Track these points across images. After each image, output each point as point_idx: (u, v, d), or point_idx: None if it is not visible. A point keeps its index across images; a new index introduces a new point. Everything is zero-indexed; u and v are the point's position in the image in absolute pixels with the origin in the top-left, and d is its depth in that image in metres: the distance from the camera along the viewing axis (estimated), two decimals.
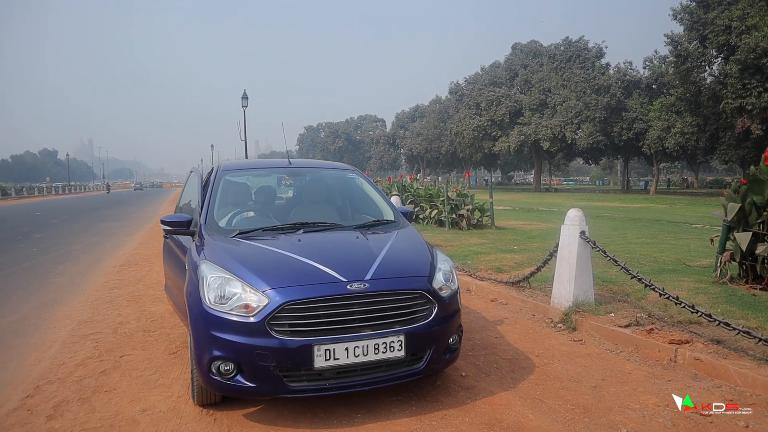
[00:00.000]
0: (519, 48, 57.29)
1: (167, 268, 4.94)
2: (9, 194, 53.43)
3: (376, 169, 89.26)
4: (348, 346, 3.05)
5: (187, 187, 5.29)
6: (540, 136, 48.38)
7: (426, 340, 3.29)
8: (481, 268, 7.86)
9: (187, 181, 5.39)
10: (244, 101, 31.62)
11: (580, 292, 5.14)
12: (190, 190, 5.15)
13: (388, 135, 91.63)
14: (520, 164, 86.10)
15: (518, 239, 11.09)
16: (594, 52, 48.41)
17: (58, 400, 3.70)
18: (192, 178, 5.19)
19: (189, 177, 5.38)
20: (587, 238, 5.10)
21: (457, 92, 63.40)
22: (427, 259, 3.65)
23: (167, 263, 4.93)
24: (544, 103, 49.93)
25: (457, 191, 14.55)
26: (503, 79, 56.48)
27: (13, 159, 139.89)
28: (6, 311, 6.29)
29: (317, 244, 3.71)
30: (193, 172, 5.16)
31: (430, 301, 3.33)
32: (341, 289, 3.12)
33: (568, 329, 4.99)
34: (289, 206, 4.76)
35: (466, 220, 13.48)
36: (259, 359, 2.99)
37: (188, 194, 5.19)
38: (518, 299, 6.06)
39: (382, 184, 23.18)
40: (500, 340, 4.83)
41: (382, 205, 4.71)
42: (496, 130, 53.76)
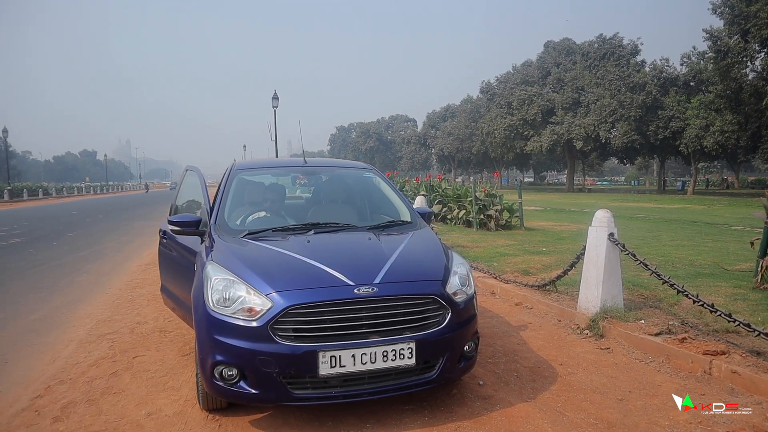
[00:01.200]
0: (551, 46, 56.31)
1: (166, 270, 4.79)
2: (50, 194, 55.09)
3: (407, 169, 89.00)
4: (355, 353, 2.90)
5: (184, 187, 5.15)
6: (573, 135, 47.41)
7: (438, 348, 3.12)
8: (507, 270, 7.63)
9: (183, 180, 5.21)
10: (274, 101, 31.90)
11: (608, 297, 4.88)
12: (187, 189, 5.04)
13: (419, 135, 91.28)
14: (553, 164, 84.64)
15: (547, 240, 10.79)
16: (629, 50, 47.17)
17: (66, 401, 3.67)
18: (189, 178, 5.06)
19: (184, 176, 5.21)
20: (616, 240, 4.84)
21: (489, 91, 62.65)
22: (441, 262, 3.47)
23: (166, 265, 4.78)
24: (577, 102, 48.92)
25: (485, 191, 14.29)
26: (535, 77, 55.59)
27: (55, 160, 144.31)
28: (30, 309, 6.36)
29: (326, 246, 3.58)
30: (190, 171, 5.04)
31: (443, 306, 3.16)
32: (348, 293, 2.97)
33: (594, 336, 4.74)
34: (302, 206, 4.64)
35: (495, 221, 13.20)
36: (262, 365, 2.87)
37: (186, 194, 5.07)
38: (543, 303, 5.82)
39: (411, 183, 23.04)
40: (522, 347, 4.62)
41: (399, 205, 4.55)
42: (528, 129, 52.94)
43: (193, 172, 4.92)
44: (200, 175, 4.62)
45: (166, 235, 4.64)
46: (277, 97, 31.82)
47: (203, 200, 4.22)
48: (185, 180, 5.17)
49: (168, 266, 4.76)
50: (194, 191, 4.79)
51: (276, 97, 31.78)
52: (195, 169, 4.91)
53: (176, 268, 4.46)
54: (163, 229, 4.77)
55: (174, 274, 4.54)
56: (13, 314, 6.11)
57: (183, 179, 5.20)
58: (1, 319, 5.92)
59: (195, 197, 4.77)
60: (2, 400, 3.75)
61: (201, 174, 4.63)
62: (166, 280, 4.80)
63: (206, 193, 4.28)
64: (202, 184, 4.41)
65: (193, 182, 4.83)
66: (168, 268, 4.76)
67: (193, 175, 4.89)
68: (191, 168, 5.06)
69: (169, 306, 4.82)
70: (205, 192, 4.29)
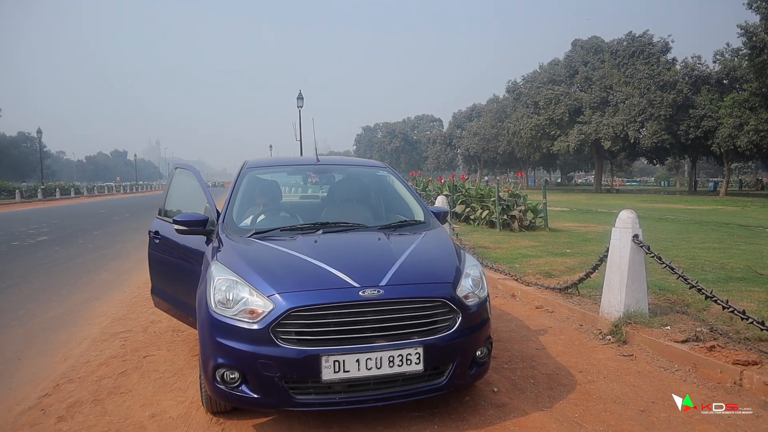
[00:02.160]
0: (579, 44, 55.34)
1: (161, 271, 4.59)
2: (81, 193, 56.34)
3: (432, 169, 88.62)
4: (359, 358, 2.78)
5: (174, 188, 4.88)
6: (601, 135, 46.50)
7: (448, 353, 2.98)
8: (529, 272, 7.44)
9: (172, 180, 4.91)
10: (299, 102, 32.05)
11: (632, 301, 4.67)
12: (179, 190, 4.82)
13: (445, 135, 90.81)
14: (581, 164, 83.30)
15: (572, 242, 10.53)
16: (659, 47, 46.08)
17: (73, 400, 3.64)
18: (181, 177, 4.81)
19: (174, 175, 4.91)
20: (640, 242, 4.63)
21: (515, 91, 61.95)
22: (452, 263, 3.33)
23: (162, 266, 4.58)
24: (605, 101, 47.97)
25: (509, 191, 14.06)
26: (562, 76, 54.71)
27: (87, 159, 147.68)
28: (50, 306, 6.41)
29: (334, 246, 3.47)
30: (180, 170, 4.83)
31: (453, 310, 3.02)
32: (353, 295, 2.86)
33: (617, 342, 4.54)
34: (312, 205, 4.55)
35: (518, 222, 12.96)
36: (263, 369, 2.77)
37: (177, 194, 4.83)
38: (565, 307, 5.63)
39: (434, 183, 22.83)
40: (541, 352, 4.44)
41: (412, 204, 4.42)
42: (555, 129, 52.15)
43: (187, 170, 4.74)
44: (197, 173, 4.50)
45: (159, 236, 4.48)
46: (301, 98, 31.98)
47: (207, 200, 4.16)
48: (176, 180, 4.89)
49: (164, 267, 4.55)
50: (188, 191, 4.66)
51: (301, 98, 31.94)
52: (189, 167, 4.75)
53: (175, 268, 4.34)
54: (154, 229, 4.58)
55: (172, 274, 4.41)
56: (32, 312, 6.15)
57: (172, 179, 4.92)
58: (21, 316, 5.97)
59: (189, 197, 4.61)
60: (11, 398, 3.74)
61: (198, 173, 4.52)
62: (161, 282, 4.61)
63: (208, 192, 4.21)
64: (202, 183, 4.33)
65: (187, 182, 4.67)
66: (164, 269, 4.56)
67: (186, 175, 4.72)
68: (183, 166, 4.86)
69: (163, 308, 4.68)
70: (207, 191, 4.23)
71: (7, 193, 42.98)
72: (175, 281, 4.34)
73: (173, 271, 4.38)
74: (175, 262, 4.33)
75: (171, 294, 4.41)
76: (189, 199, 4.61)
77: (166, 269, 4.50)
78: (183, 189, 4.81)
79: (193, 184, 4.48)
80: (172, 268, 4.40)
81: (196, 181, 4.45)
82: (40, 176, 54.95)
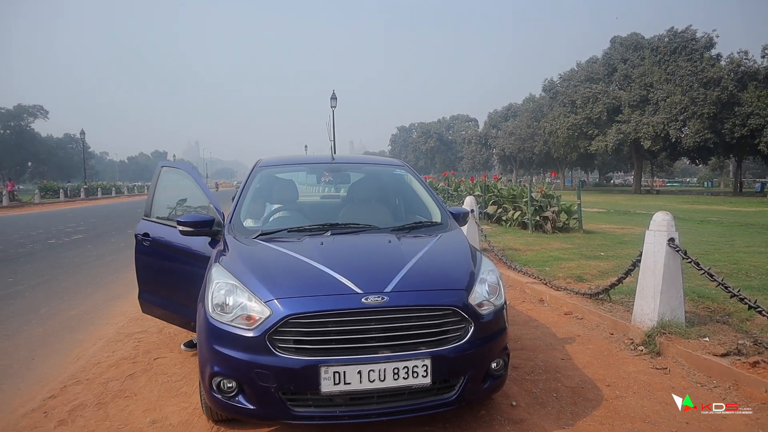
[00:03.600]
0: (618, 41, 53.84)
1: (153, 274, 4.33)
2: (122, 192, 57.94)
3: (468, 169, 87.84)
4: (361, 369, 2.59)
5: (162, 188, 4.54)
6: (640, 134, 45.11)
7: (459, 366, 2.76)
8: (560, 276, 7.12)
9: (159, 179, 4.52)
10: (332, 102, 32.08)
11: (666, 309, 4.35)
12: (168, 191, 4.57)
13: (480, 135, 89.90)
14: (620, 165, 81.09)
15: (607, 244, 10.10)
16: (702, 43, 44.39)
17: (77, 403, 3.57)
18: (170, 176, 4.55)
19: (160, 175, 4.54)
20: (676, 246, 4.31)
21: (551, 90, 60.74)
22: (466, 268, 3.11)
23: (154, 269, 4.30)
24: (645, 99, 46.52)
25: (542, 192, 13.65)
26: (600, 74, 53.30)
27: (129, 160, 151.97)
28: (73, 304, 6.45)
29: (340, 249, 3.29)
30: (168, 168, 4.57)
31: (465, 318, 2.79)
32: (354, 302, 2.67)
33: (650, 354, 4.23)
34: (324, 204, 4.38)
35: (551, 223, 12.56)
36: (259, 379, 2.61)
37: (166, 195, 4.56)
38: (595, 314, 5.31)
39: (466, 183, 22.45)
40: (567, 363, 4.17)
41: (430, 204, 4.21)
42: (593, 128, 50.87)
43: (177, 170, 4.52)
44: (194, 173, 4.34)
45: (150, 238, 4.23)
46: (335, 98, 32.00)
47: (209, 200, 4.04)
48: (163, 180, 4.53)
49: (158, 270, 4.29)
50: (179, 192, 4.51)
51: (334, 98, 31.96)
52: (180, 166, 4.55)
53: (172, 271, 4.16)
54: (142, 231, 4.28)
55: (169, 278, 4.22)
56: (55, 310, 6.19)
57: (158, 179, 4.52)
58: (44, 314, 6.00)
59: (181, 197, 4.47)
60: (17, 399, 3.70)
61: (195, 172, 4.37)
62: (153, 286, 4.34)
63: (210, 192, 4.10)
64: (201, 183, 4.20)
65: (177, 182, 4.50)
66: (158, 272, 4.30)
67: (176, 174, 4.51)
68: (171, 165, 4.61)
69: (156, 313, 4.45)
70: (209, 191, 4.11)
71: (52, 192, 44.48)
72: (172, 285, 4.18)
73: (170, 274, 4.20)
74: (172, 266, 4.15)
75: (167, 298, 4.23)
76: (182, 199, 4.47)
77: (161, 272, 4.28)
78: (172, 189, 4.61)
79: (186, 184, 4.34)
80: (168, 271, 4.21)
81: (190, 180, 4.28)
82: (83, 176, 56.72)
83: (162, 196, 4.52)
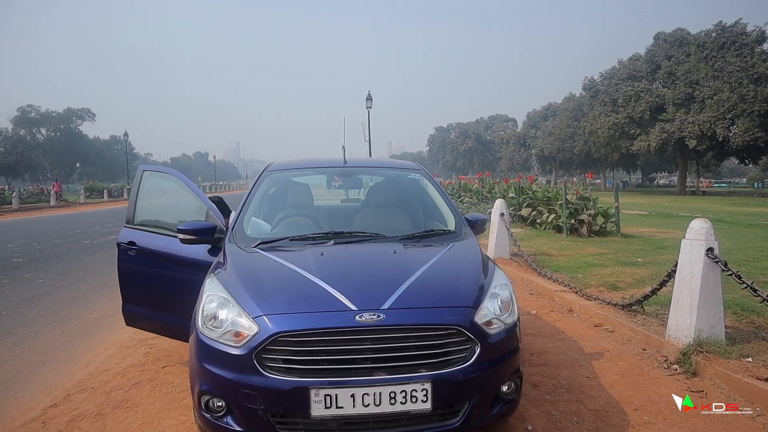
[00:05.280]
0: (662, 37, 52.02)
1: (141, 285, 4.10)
2: None
3: (506, 170, 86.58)
4: (354, 393, 2.38)
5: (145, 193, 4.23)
6: (685, 133, 43.41)
7: (463, 390, 2.52)
8: (592, 283, 6.76)
9: (140, 186, 4.21)
10: (368, 102, 32.02)
11: (704, 325, 3.99)
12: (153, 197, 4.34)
13: (519, 135, 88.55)
14: (664, 165, 78.43)
15: (645, 250, 9.61)
16: (753, 37, 42.35)
17: (77, 413, 3.49)
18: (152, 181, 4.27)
19: (142, 180, 4.22)
20: (715, 257, 3.95)
21: (592, 88, 59.15)
22: (475, 282, 2.86)
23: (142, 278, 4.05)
24: (690, 97, 44.75)
25: (577, 194, 13.17)
26: (643, 72, 51.59)
27: (172, 161, 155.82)
28: (94, 307, 6.47)
29: (340, 260, 3.09)
30: (149, 173, 4.29)
31: (471, 339, 2.55)
32: (347, 320, 2.46)
33: (685, 374, 3.88)
34: (332, 211, 4.19)
35: (587, 226, 12.08)
36: (246, 400, 2.43)
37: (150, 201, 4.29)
38: (627, 327, 4.96)
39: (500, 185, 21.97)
40: (592, 382, 3.86)
41: (444, 211, 3.96)
42: (635, 127, 49.25)
43: (162, 174, 4.29)
44: (184, 177, 4.14)
45: (137, 247, 4.00)
46: (370, 98, 31.92)
47: (207, 206, 3.89)
48: (145, 184, 4.22)
49: (148, 281, 4.05)
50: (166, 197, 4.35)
51: (369, 98, 31.88)
52: (165, 170, 4.32)
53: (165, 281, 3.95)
54: (127, 240, 4.04)
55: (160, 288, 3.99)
56: (76, 312, 6.21)
57: (140, 183, 4.20)
58: (65, 317, 6.03)
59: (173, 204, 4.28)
60: (20, 406, 3.66)
61: (183, 175, 4.16)
62: (142, 297, 4.08)
63: (206, 197, 3.96)
64: (195, 188, 4.03)
65: (162, 187, 4.31)
66: (147, 282, 4.06)
67: (160, 178, 4.29)
68: (154, 169, 4.34)
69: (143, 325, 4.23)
70: (204, 197, 3.97)
71: (97, 192, 45.90)
72: (165, 295, 3.97)
73: (163, 284, 3.99)
74: (165, 275, 3.95)
75: (159, 310, 4.02)
76: (172, 206, 4.29)
77: (151, 283, 4.06)
78: (157, 195, 4.40)
79: (171, 188, 4.15)
80: (161, 282, 3.99)
81: (178, 185, 4.08)
82: (127, 177, 58.41)
83: (145, 203, 4.25)
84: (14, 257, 10.58)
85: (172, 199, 4.33)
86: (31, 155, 71.98)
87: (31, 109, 73.87)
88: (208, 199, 3.99)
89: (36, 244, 12.62)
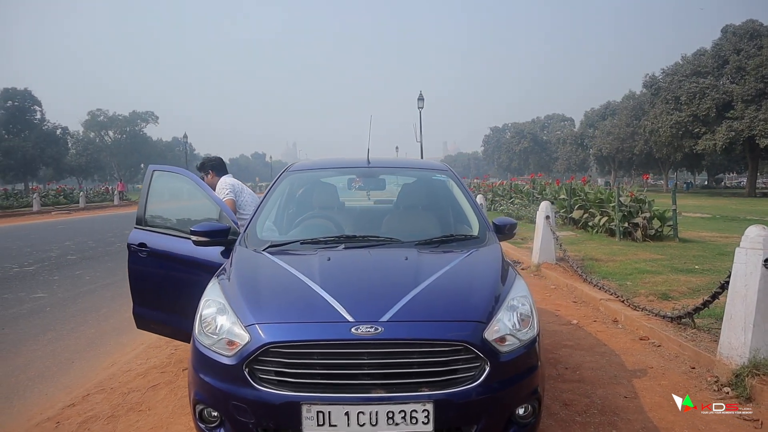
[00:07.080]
0: (731, 31, 49.22)
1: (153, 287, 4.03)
2: None
3: (563, 170, 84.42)
4: (349, 411, 2.20)
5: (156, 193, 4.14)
6: (756, 131, 40.84)
7: (470, 412, 2.29)
8: (641, 292, 6.32)
9: (150, 186, 4.10)
10: (419, 103, 31.86)
11: (761, 344, 3.58)
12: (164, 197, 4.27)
13: (576, 135, 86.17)
14: (732, 165, 74.13)
15: (704, 256, 8.96)
16: None
17: (91, 414, 3.49)
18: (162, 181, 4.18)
19: (152, 180, 4.11)
20: None
21: (653, 86, 56.66)
22: (490, 293, 2.62)
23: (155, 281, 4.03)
24: (762, 93, 42.07)
25: (632, 196, 12.51)
26: (709, 67, 48.97)
27: (231, 161, 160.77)
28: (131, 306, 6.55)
29: (347, 267, 2.92)
30: (159, 173, 4.19)
31: (479, 357, 2.32)
32: (342, 332, 2.28)
33: (738, 398, 3.48)
34: (350, 213, 4.01)
35: (642, 230, 11.45)
36: (237, 412, 2.30)
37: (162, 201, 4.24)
38: (675, 341, 4.57)
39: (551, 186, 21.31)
40: (630, 403, 3.53)
41: (469, 214, 3.72)
42: (699, 126, 46.80)
43: (173, 174, 4.19)
44: (194, 176, 4.06)
45: (148, 248, 3.94)
46: (422, 98, 31.74)
47: (221, 207, 3.81)
48: (155, 184, 4.11)
49: (159, 283, 4.00)
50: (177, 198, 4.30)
51: (421, 98, 31.71)
52: (176, 170, 4.22)
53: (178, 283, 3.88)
54: (138, 241, 3.97)
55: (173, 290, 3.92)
56: (114, 311, 6.33)
57: (150, 183, 4.09)
58: (102, 315, 6.16)
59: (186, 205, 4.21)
60: (38, 405, 3.71)
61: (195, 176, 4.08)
62: (150, 299, 4.04)
63: (218, 198, 3.87)
64: (204, 187, 3.97)
65: (173, 187, 4.24)
66: (158, 285, 4.01)
67: (171, 178, 4.18)
68: (164, 169, 4.24)
69: (155, 329, 4.18)
70: (216, 197, 3.88)
71: None
72: (175, 298, 3.90)
73: (174, 286, 3.94)
74: (177, 277, 3.89)
75: (170, 313, 3.95)
76: (183, 206, 4.24)
77: (163, 285, 4.01)
78: (168, 195, 4.35)
79: (182, 188, 4.11)
80: (172, 284, 3.94)
81: (189, 185, 4.01)
82: None
83: (156, 203, 4.18)
84: (69, 255, 11.02)
85: (182, 200, 4.29)
86: (100, 157, 75.87)
87: (100, 113, 78.00)
88: (220, 200, 3.92)
89: (91, 242, 13.12)
